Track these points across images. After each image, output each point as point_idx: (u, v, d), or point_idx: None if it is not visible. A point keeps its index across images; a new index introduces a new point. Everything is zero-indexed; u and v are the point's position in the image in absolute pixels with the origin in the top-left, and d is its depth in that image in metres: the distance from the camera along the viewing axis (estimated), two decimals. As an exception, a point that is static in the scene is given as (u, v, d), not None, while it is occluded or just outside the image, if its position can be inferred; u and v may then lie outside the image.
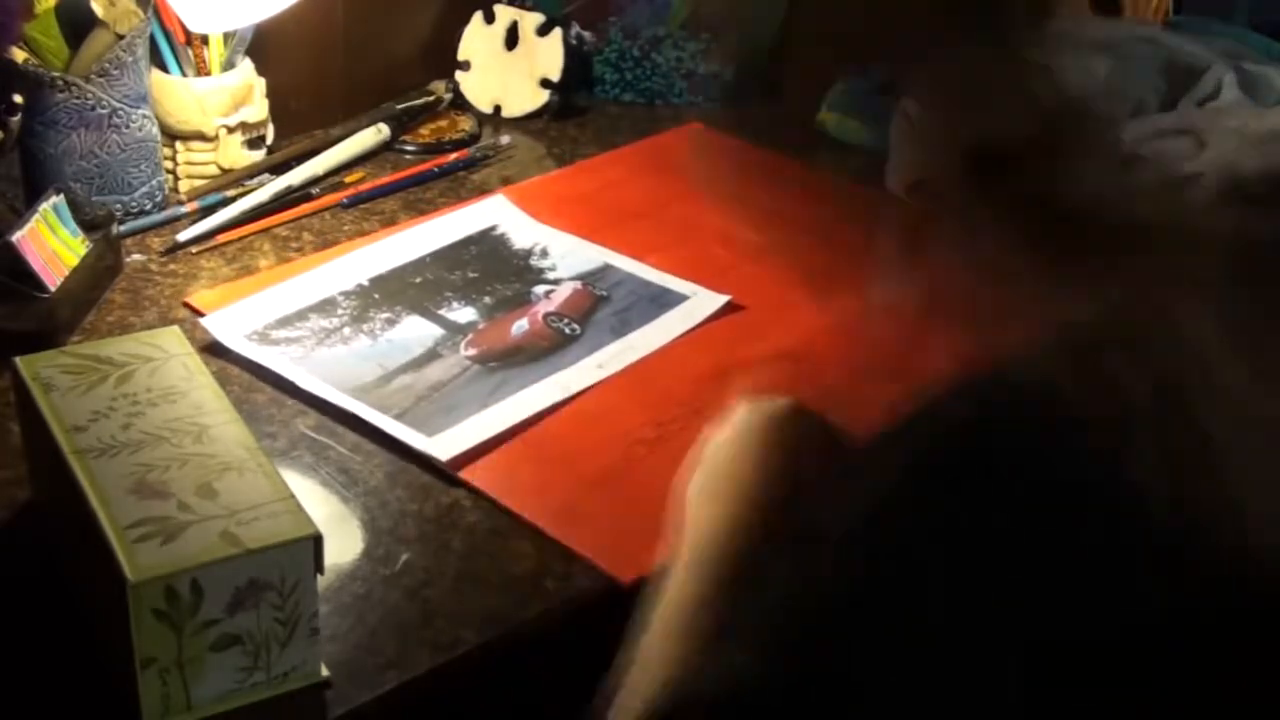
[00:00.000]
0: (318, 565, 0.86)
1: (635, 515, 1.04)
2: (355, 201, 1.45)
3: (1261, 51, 1.63)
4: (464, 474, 1.08)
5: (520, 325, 1.26)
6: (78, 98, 1.30)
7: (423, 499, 1.06)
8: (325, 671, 0.89)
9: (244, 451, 0.91)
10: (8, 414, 1.09)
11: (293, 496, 0.88)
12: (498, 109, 1.65)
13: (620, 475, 1.09)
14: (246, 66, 1.45)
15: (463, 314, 1.28)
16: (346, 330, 1.25)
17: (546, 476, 1.08)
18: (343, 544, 1.00)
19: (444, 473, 1.08)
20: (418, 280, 1.33)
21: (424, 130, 1.59)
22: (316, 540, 0.85)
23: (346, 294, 1.30)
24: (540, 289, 1.32)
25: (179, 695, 0.84)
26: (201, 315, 1.24)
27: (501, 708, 1.02)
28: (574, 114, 1.66)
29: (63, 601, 0.94)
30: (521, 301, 1.30)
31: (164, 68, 1.42)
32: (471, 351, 1.22)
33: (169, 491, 0.87)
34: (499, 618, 0.96)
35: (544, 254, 1.38)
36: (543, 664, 1.01)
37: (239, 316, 1.25)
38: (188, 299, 1.28)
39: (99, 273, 1.28)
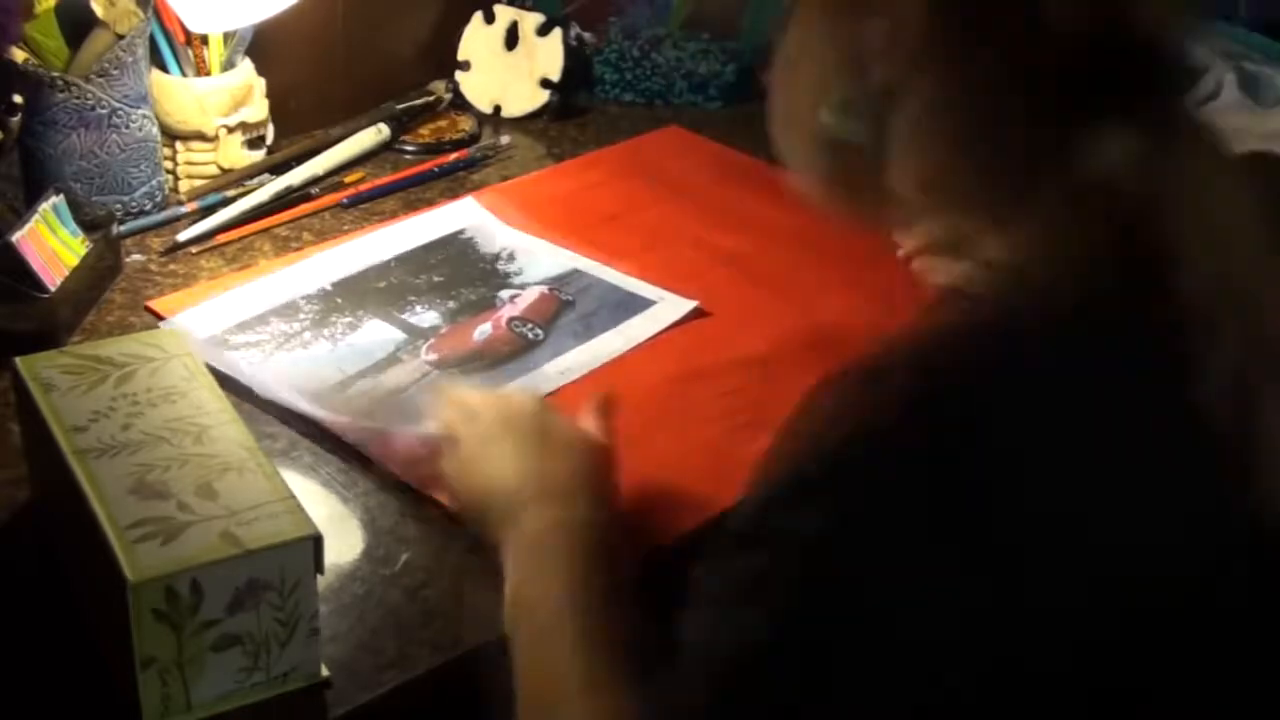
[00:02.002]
0: (318, 565, 0.86)
1: None
2: (355, 201, 1.45)
3: (1261, 51, 1.63)
4: (423, 483, 1.06)
5: (483, 330, 1.25)
6: (78, 98, 1.30)
7: (423, 499, 1.05)
8: (325, 671, 0.89)
9: (244, 451, 0.91)
10: (8, 414, 1.09)
11: (293, 496, 0.88)
12: (498, 109, 1.65)
13: None
14: (246, 66, 1.45)
15: (426, 318, 1.27)
16: (307, 334, 1.24)
17: None
18: (343, 544, 1.00)
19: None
20: (382, 284, 1.31)
21: (424, 130, 1.59)
22: (316, 540, 0.85)
23: (309, 298, 1.28)
24: (505, 293, 1.31)
25: (179, 695, 0.84)
26: (163, 319, 1.24)
27: (501, 708, 1.02)
28: (574, 114, 1.65)
29: (63, 601, 0.94)
30: (486, 306, 1.29)
31: (164, 68, 1.42)
32: (432, 356, 1.21)
33: (169, 492, 0.87)
34: (499, 618, 0.95)
35: (511, 258, 1.36)
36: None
37: (198, 320, 1.23)
38: (149, 303, 1.27)
39: (99, 273, 1.28)
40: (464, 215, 1.43)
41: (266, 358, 1.20)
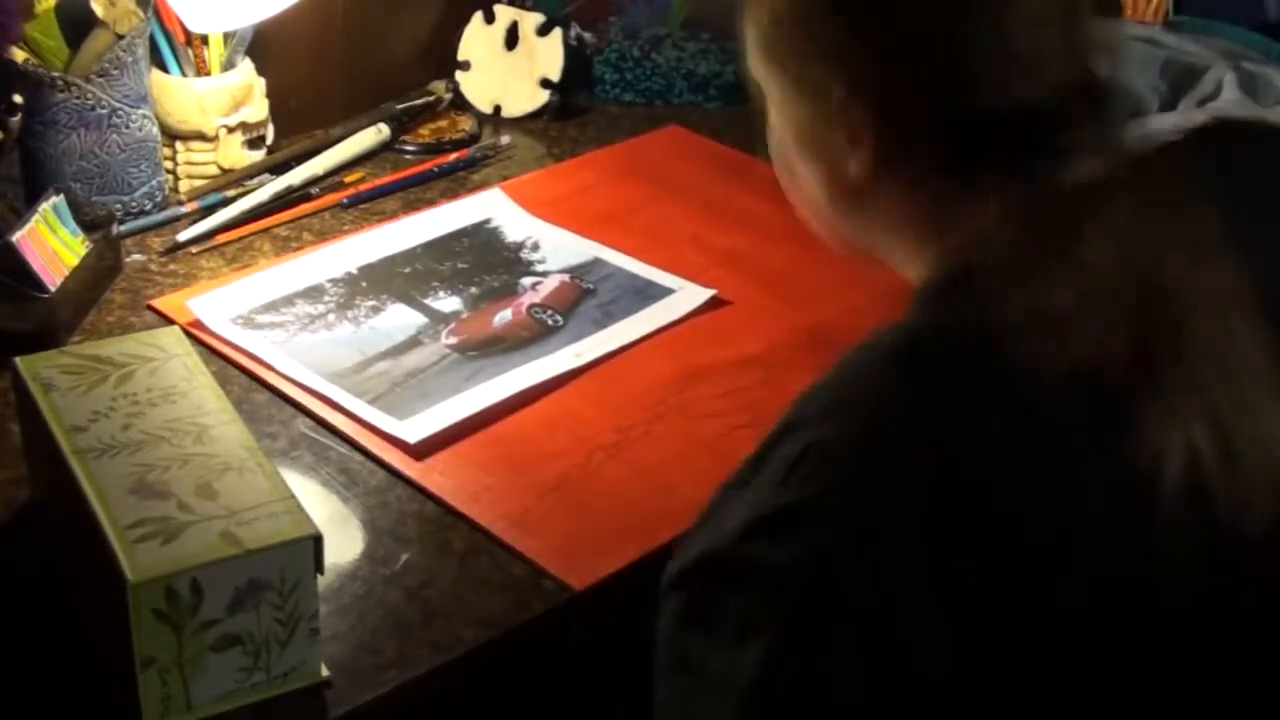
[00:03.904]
0: (318, 565, 0.86)
1: (591, 521, 1.04)
2: (355, 201, 1.45)
3: (1261, 51, 1.62)
4: (421, 478, 1.07)
5: (503, 316, 1.27)
6: (78, 98, 1.30)
7: (423, 499, 1.05)
8: (325, 671, 0.89)
9: (244, 451, 0.91)
10: (8, 414, 1.09)
11: (293, 496, 0.88)
12: (498, 109, 1.65)
13: (579, 480, 1.08)
14: (246, 66, 1.45)
15: (448, 303, 1.29)
16: (331, 317, 1.26)
17: (505, 479, 1.08)
18: (343, 544, 1.00)
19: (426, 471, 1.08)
20: (407, 270, 1.33)
21: (424, 130, 1.59)
22: (316, 540, 0.85)
23: (335, 281, 1.31)
24: (527, 281, 1.32)
25: (179, 695, 0.84)
26: (167, 319, 1.24)
27: (501, 708, 1.02)
28: (574, 114, 1.65)
29: (63, 601, 0.94)
30: (508, 292, 1.30)
31: (164, 68, 1.42)
32: (452, 340, 1.23)
33: (169, 491, 0.87)
34: (499, 618, 0.96)
35: (535, 247, 1.38)
36: (543, 664, 1.01)
37: (226, 300, 1.26)
38: (151, 302, 1.27)
39: (99, 273, 1.28)
40: (490, 205, 1.44)
41: (290, 338, 1.22)
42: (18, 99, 1.25)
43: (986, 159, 0.75)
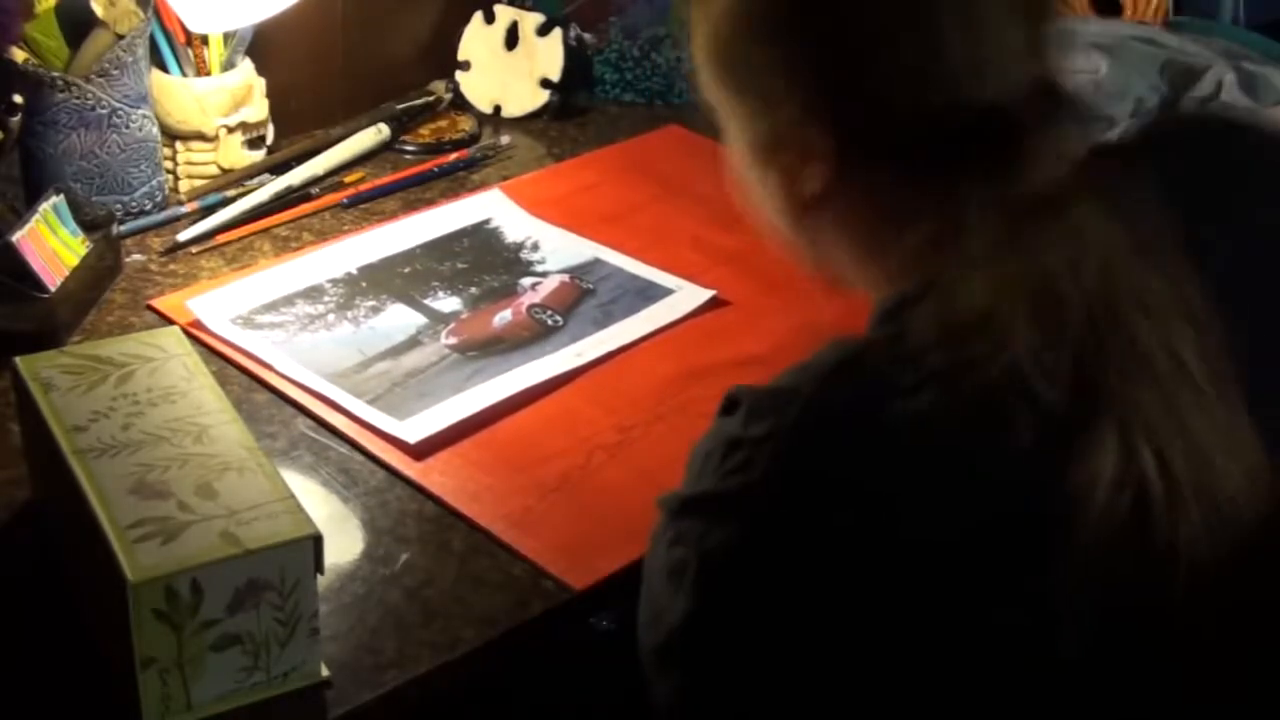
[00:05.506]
0: (318, 565, 0.86)
1: (591, 521, 1.04)
2: (355, 201, 1.45)
3: (1261, 51, 1.62)
4: (421, 478, 1.07)
5: (503, 316, 1.27)
6: (78, 98, 1.30)
7: (423, 499, 1.06)
8: (325, 671, 0.89)
9: (244, 451, 0.91)
10: (8, 414, 1.09)
11: (293, 496, 0.88)
12: (498, 109, 1.65)
13: (580, 480, 1.08)
14: (246, 66, 1.45)
15: (448, 304, 1.29)
16: (331, 317, 1.26)
17: (505, 479, 1.08)
18: (343, 544, 1.00)
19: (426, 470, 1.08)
20: (406, 270, 1.33)
21: (424, 130, 1.59)
22: (316, 540, 0.85)
23: (334, 281, 1.31)
24: (527, 281, 1.32)
25: (179, 695, 0.84)
26: (167, 319, 1.24)
27: (501, 708, 1.02)
28: (574, 114, 1.65)
29: (63, 601, 0.94)
30: (508, 293, 1.31)
31: (164, 68, 1.42)
32: (452, 340, 1.23)
33: (169, 491, 0.87)
34: (499, 618, 0.96)
35: (535, 247, 1.38)
36: (542, 664, 1.01)
37: (226, 300, 1.26)
38: (151, 302, 1.27)
39: (99, 273, 1.28)
40: (490, 205, 1.44)
41: (290, 338, 1.22)
42: (18, 99, 1.25)
43: (938, 167, 0.75)
